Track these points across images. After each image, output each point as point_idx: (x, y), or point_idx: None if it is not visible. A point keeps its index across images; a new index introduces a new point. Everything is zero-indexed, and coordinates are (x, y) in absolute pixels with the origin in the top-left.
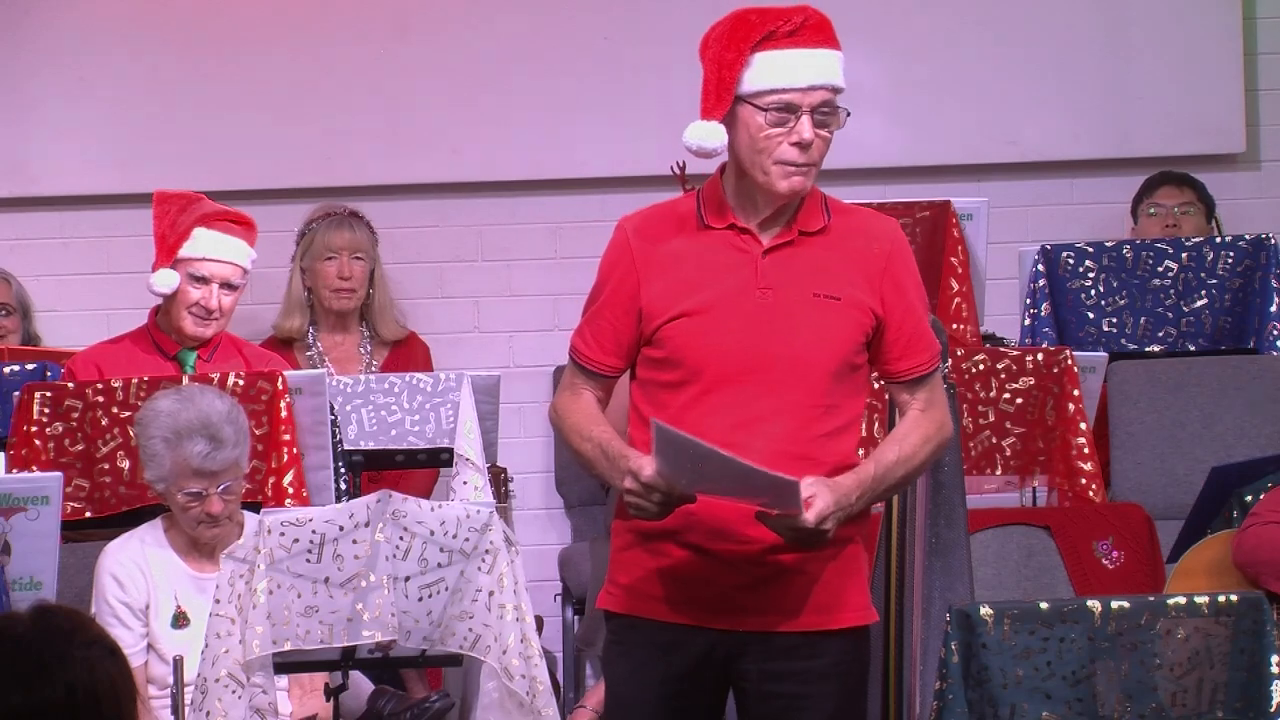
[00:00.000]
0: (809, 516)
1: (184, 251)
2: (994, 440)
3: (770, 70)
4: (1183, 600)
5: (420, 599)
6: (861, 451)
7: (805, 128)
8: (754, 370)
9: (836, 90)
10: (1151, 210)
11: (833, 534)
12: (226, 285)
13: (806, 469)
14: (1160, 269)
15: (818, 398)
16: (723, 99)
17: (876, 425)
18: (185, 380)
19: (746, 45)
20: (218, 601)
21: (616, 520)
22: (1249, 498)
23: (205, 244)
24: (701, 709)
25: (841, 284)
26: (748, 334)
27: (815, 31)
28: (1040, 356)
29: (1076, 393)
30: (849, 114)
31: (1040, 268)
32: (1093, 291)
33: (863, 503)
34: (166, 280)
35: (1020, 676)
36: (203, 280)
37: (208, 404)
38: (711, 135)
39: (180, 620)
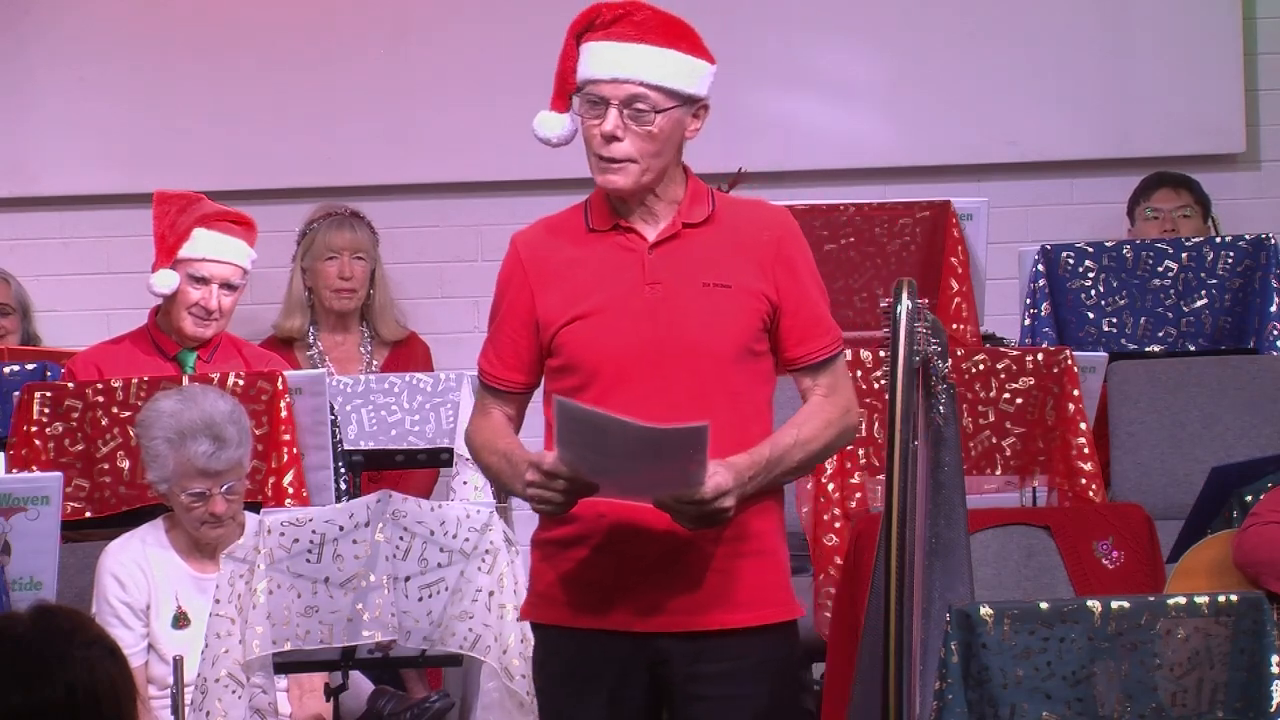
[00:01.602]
0: (705, 490)
1: (184, 252)
2: (994, 440)
3: (587, 61)
4: (1183, 600)
5: (420, 599)
6: (861, 452)
7: (608, 119)
8: (651, 364)
9: (659, 90)
10: (1149, 214)
11: (732, 513)
12: (226, 286)
13: (712, 457)
14: (1160, 269)
15: (718, 386)
16: (562, 88)
17: (876, 425)
18: (185, 380)
19: (574, 35)
20: (218, 601)
21: (535, 532)
22: (1249, 498)
23: (205, 244)
24: (637, 713)
25: (732, 272)
26: (640, 329)
27: (635, 26)
28: (1040, 356)
29: (1076, 393)
30: (669, 110)
31: (1040, 268)
32: (1093, 291)
33: (755, 484)
34: (166, 281)
35: (1020, 676)
36: (202, 281)
37: (210, 404)
38: (545, 124)
39: (181, 620)
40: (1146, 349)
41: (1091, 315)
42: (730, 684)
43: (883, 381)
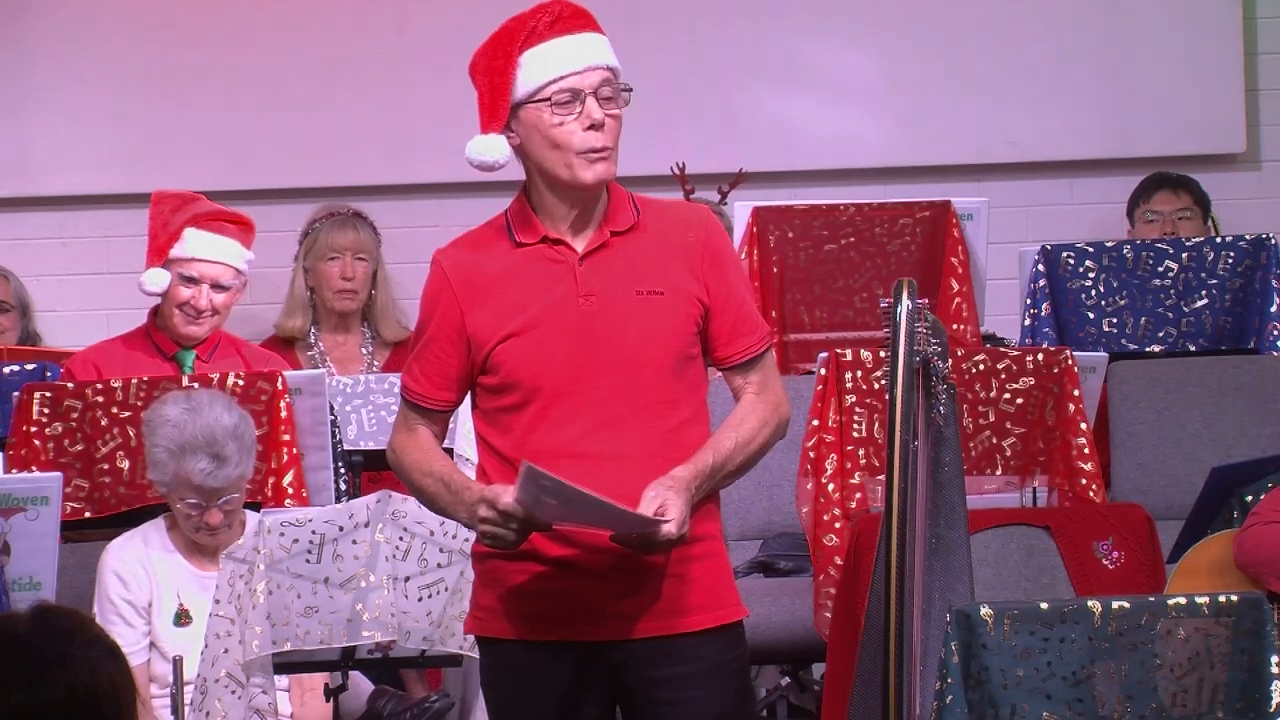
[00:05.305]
0: (670, 529)
1: (174, 251)
2: (994, 440)
3: (543, 64)
4: (1183, 600)
5: (420, 599)
6: (861, 452)
7: (594, 109)
8: (590, 378)
9: (613, 71)
10: (1149, 216)
11: (688, 535)
12: (217, 286)
13: (658, 467)
14: (1160, 269)
15: (658, 394)
16: (499, 108)
17: (876, 425)
18: (184, 380)
19: (513, 49)
20: (217, 602)
21: (476, 545)
22: (1249, 498)
23: (195, 244)
24: None
25: (663, 277)
26: (578, 343)
27: (574, 19)
28: (1040, 356)
29: (1076, 393)
30: (631, 90)
31: (1040, 268)
32: (1093, 291)
33: (700, 492)
34: (156, 279)
35: (1020, 677)
36: (192, 280)
37: (214, 418)
38: (490, 148)
39: (182, 618)
40: (1146, 349)
41: (1092, 315)
42: (692, 686)
43: (883, 381)
